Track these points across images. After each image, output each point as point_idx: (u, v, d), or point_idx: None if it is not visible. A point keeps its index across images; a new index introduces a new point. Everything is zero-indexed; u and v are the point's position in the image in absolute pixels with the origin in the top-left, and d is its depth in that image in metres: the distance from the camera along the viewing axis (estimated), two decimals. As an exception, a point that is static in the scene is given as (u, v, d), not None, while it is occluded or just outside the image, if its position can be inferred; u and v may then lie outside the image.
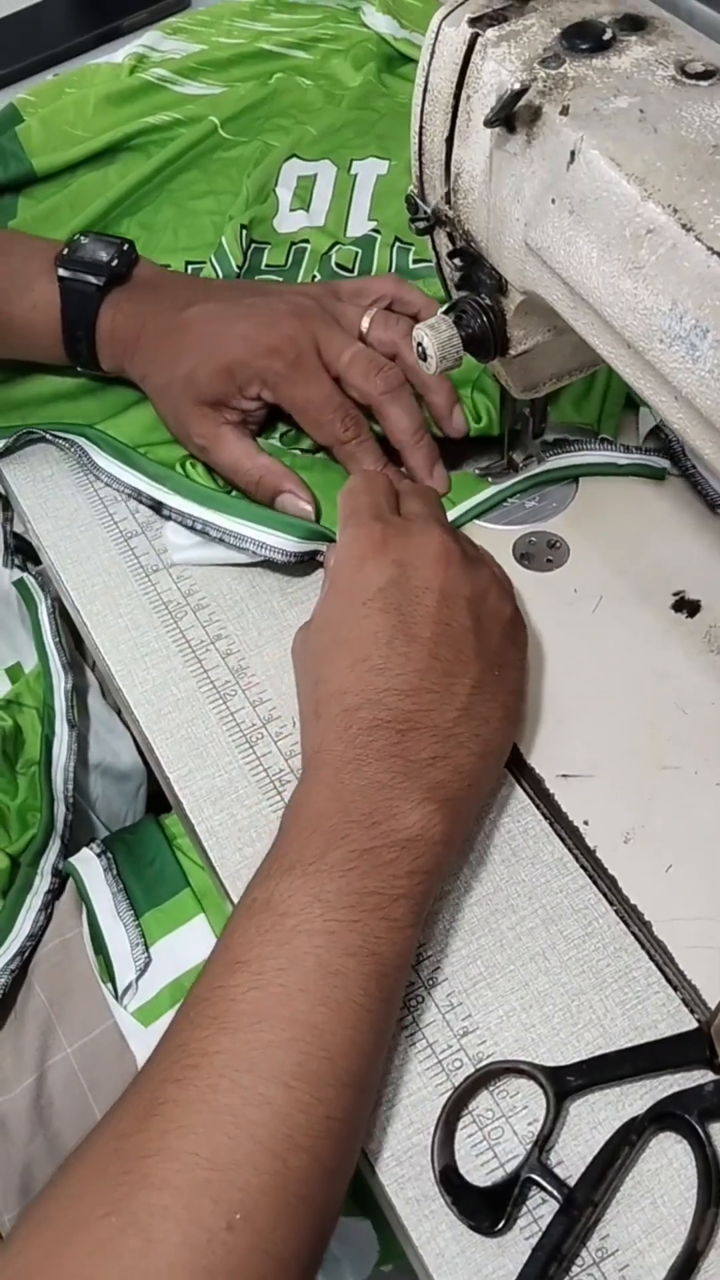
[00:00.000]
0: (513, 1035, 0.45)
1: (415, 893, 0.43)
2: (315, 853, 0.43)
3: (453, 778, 0.45)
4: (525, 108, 0.42)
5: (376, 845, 0.43)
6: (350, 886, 0.42)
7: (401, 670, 0.46)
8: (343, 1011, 0.40)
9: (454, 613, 0.48)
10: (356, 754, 0.45)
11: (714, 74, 0.41)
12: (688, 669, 0.53)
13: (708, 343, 0.37)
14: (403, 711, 0.46)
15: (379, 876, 0.43)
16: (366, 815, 0.44)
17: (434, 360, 0.50)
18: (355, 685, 0.47)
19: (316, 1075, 0.39)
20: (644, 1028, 0.45)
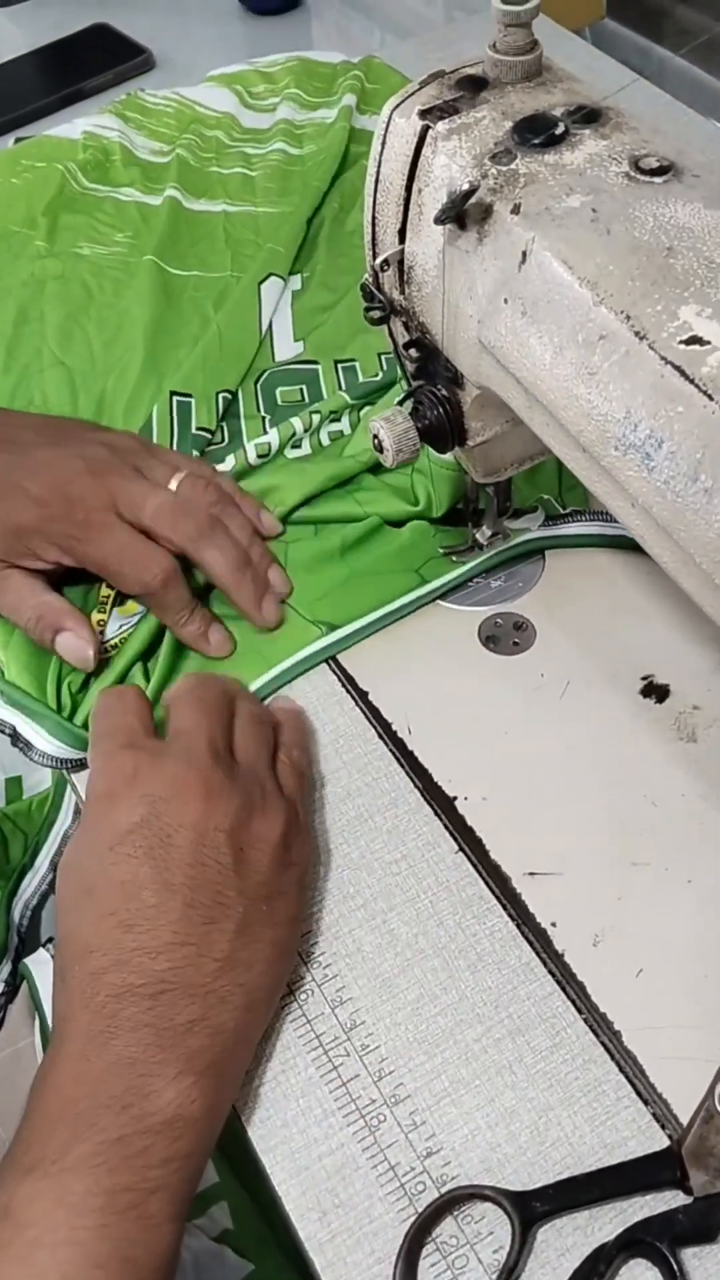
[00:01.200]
0: (478, 1155, 0.43)
1: (173, 1182, 0.39)
2: (59, 1148, 0.39)
3: (213, 1040, 0.42)
4: (476, 205, 0.41)
5: (127, 1133, 0.39)
6: (99, 1185, 0.38)
7: (152, 925, 0.42)
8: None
9: (211, 851, 0.44)
10: (104, 1024, 0.41)
11: (668, 170, 0.40)
12: (657, 759, 0.52)
13: (662, 453, 0.36)
14: (154, 973, 0.42)
15: (131, 1170, 0.39)
16: (116, 1098, 0.40)
17: (390, 453, 0.48)
18: (102, 943, 0.42)
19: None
20: (613, 1145, 0.43)
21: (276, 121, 0.85)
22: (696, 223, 0.38)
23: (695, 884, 0.48)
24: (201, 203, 0.80)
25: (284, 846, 0.46)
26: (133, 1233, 0.38)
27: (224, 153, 0.84)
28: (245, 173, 0.82)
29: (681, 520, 0.36)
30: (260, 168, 0.83)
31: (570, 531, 0.60)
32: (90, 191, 0.81)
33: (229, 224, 0.78)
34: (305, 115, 0.86)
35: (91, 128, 0.84)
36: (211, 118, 0.86)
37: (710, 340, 0.35)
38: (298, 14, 1.01)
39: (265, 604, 0.57)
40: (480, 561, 0.59)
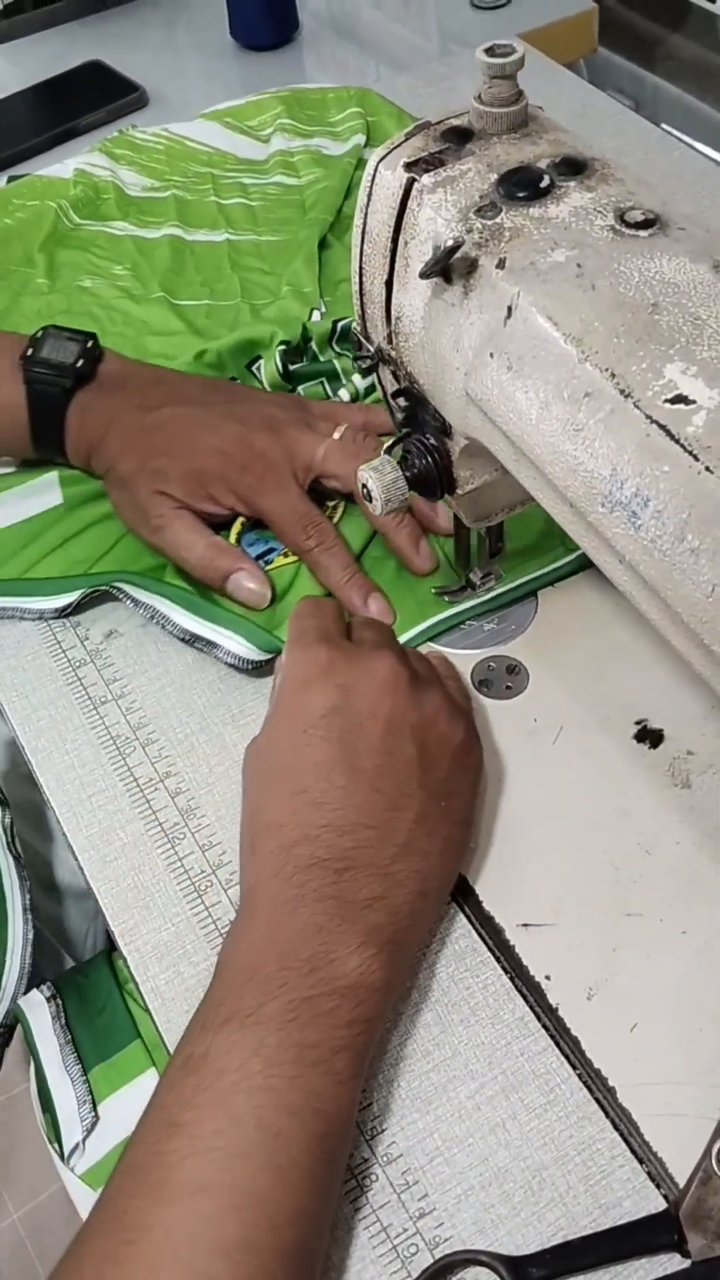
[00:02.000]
0: (471, 1216, 0.43)
1: (356, 1043, 0.42)
2: (253, 1003, 0.41)
3: (391, 919, 0.44)
4: (461, 260, 0.41)
5: (315, 994, 0.42)
6: (291, 1039, 0.41)
7: (340, 805, 0.45)
8: (286, 1177, 0.39)
9: (398, 741, 0.47)
10: (293, 894, 0.44)
11: (653, 223, 0.40)
12: (651, 806, 0.52)
13: (649, 512, 0.35)
14: (340, 849, 0.44)
15: (319, 1027, 0.41)
16: (305, 961, 0.42)
17: (378, 502, 0.48)
18: (292, 819, 0.45)
19: (261, 1245, 0.37)
20: (608, 1205, 0.43)
21: (272, 153, 0.86)
22: (682, 277, 0.38)
23: (689, 935, 0.48)
24: (202, 233, 0.80)
25: (464, 749, 0.49)
26: (322, 1086, 0.40)
27: (221, 184, 0.84)
28: (245, 203, 0.83)
29: (669, 579, 0.36)
30: (259, 198, 0.83)
31: (565, 561, 0.60)
32: (83, 227, 0.82)
33: (234, 252, 0.79)
34: (300, 143, 0.86)
35: (82, 165, 0.84)
36: (202, 153, 0.87)
37: (695, 399, 0.35)
38: (291, 49, 1.02)
39: (421, 546, 0.60)
40: (473, 605, 0.59)
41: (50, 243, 0.80)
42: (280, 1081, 0.40)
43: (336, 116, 0.89)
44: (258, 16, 1.00)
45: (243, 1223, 0.37)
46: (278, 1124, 0.39)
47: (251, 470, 0.59)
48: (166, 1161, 0.39)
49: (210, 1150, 0.38)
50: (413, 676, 0.49)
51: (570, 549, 0.60)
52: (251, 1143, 0.39)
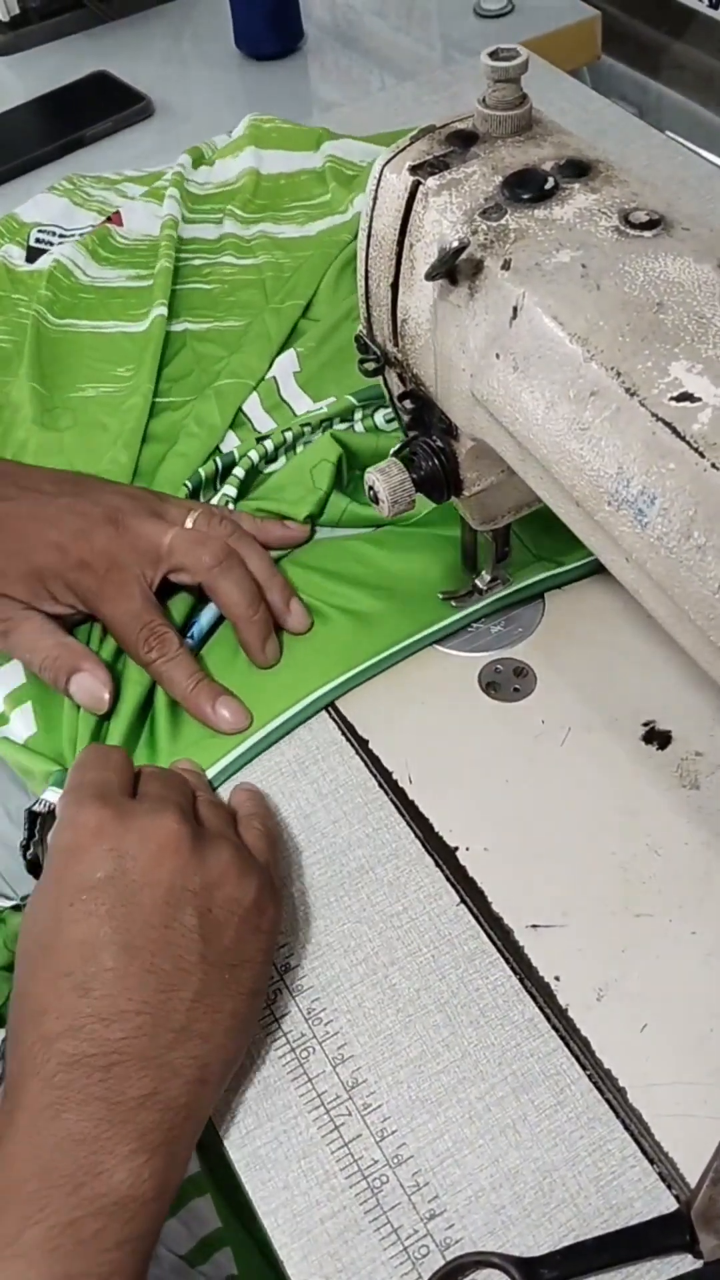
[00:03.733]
0: (482, 1218, 0.43)
1: (127, 1266, 0.38)
2: (12, 1231, 0.38)
3: (165, 1116, 0.40)
4: (467, 261, 0.41)
5: (80, 1215, 0.38)
6: (53, 1272, 0.37)
7: (108, 990, 0.41)
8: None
9: (177, 912, 0.43)
10: (54, 1096, 0.40)
11: (657, 224, 0.40)
12: (660, 806, 0.52)
13: (655, 510, 0.36)
14: (107, 1042, 0.40)
15: (85, 1255, 0.37)
16: (67, 1178, 0.38)
17: (385, 504, 0.48)
18: (56, 1005, 0.41)
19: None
20: (619, 1206, 0.42)
21: (223, 234, 0.82)
22: (686, 277, 0.38)
23: (699, 935, 0.48)
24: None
25: (255, 911, 0.45)
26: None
27: (175, 268, 0.78)
28: (202, 287, 0.78)
29: (675, 577, 0.36)
30: (215, 281, 0.79)
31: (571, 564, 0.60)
32: (68, 329, 0.77)
33: (196, 342, 0.74)
34: (252, 230, 0.82)
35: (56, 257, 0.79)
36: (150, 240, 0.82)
37: (701, 397, 0.35)
38: (295, 58, 1.03)
39: (269, 645, 0.57)
40: (479, 607, 0.59)
41: (40, 355, 0.74)
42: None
43: (291, 203, 0.84)
44: (262, 27, 1.00)
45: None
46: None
47: (92, 570, 0.55)
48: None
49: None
50: (196, 835, 0.45)
51: (581, 555, 0.60)
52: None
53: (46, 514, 0.57)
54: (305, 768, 0.55)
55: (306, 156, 0.87)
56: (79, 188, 0.86)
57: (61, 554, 0.56)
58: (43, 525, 0.56)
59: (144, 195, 0.85)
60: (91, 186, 0.87)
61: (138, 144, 0.94)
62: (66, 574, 0.56)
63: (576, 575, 0.60)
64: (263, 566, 0.58)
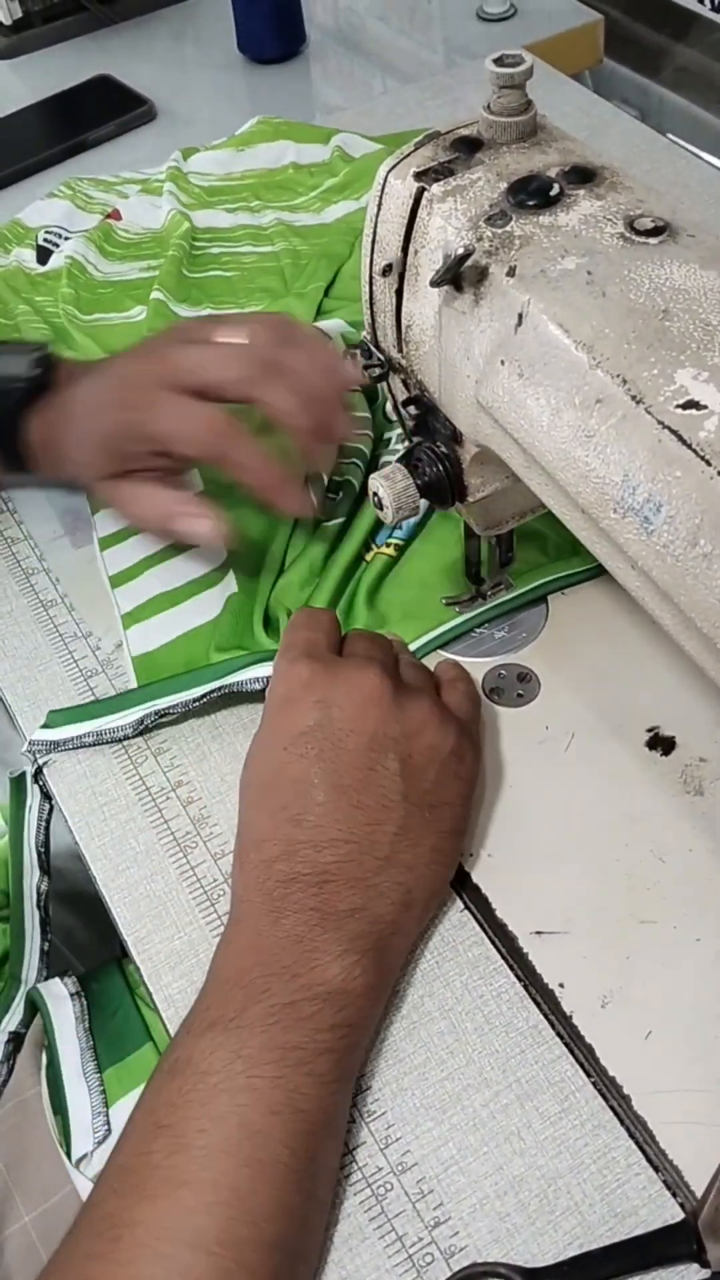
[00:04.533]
0: (487, 1225, 0.43)
1: (339, 1046, 0.42)
2: (236, 1008, 0.42)
3: (373, 927, 0.45)
4: (472, 268, 0.41)
5: (298, 999, 0.42)
6: (273, 1041, 0.41)
7: (320, 821, 0.46)
8: (267, 1172, 0.39)
9: (380, 756, 0.47)
10: (274, 906, 0.45)
11: (663, 230, 0.40)
12: (664, 812, 0.52)
13: (661, 517, 0.36)
14: (319, 864, 0.45)
15: (301, 1031, 0.42)
16: (286, 968, 0.43)
17: (390, 510, 0.48)
18: (274, 834, 0.46)
19: (241, 1240, 0.38)
20: (624, 1214, 0.42)
21: (237, 224, 0.83)
22: (692, 284, 0.38)
23: (704, 943, 0.48)
24: (184, 308, 0.76)
25: (455, 758, 0.48)
26: (304, 1086, 0.41)
27: (190, 256, 0.80)
28: (221, 274, 0.79)
29: (681, 585, 0.36)
30: (234, 268, 0.79)
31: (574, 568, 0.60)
32: (98, 323, 0.77)
33: None
34: (268, 217, 0.83)
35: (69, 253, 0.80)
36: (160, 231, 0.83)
37: (707, 404, 0.35)
38: (298, 62, 1.02)
39: (340, 420, 0.56)
40: (482, 612, 0.58)
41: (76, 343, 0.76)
42: (262, 1082, 0.40)
43: (304, 190, 0.85)
44: (265, 30, 1.00)
45: (223, 1217, 0.38)
46: (259, 1122, 0.40)
47: (132, 406, 0.56)
48: (151, 1161, 0.39)
49: (192, 1148, 0.39)
50: (398, 688, 0.49)
51: (585, 560, 0.60)
52: (232, 1140, 0.39)
53: (97, 383, 0.59)
54: (309, 773, 0.55)
55: (317, 149, 0.88)
56: (79, 191, 0.87)
57: (107, 410, 0.58)
58: (93, 393, 0.59)
59: (140, 191, 0.86)
60: (91, 189, 0.87)
61: (140, 147, 0.94)
62: (121, 426, 0.57)
63: (580, 579, 0.60)
64: (317, 369, 0.56)
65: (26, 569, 0.65)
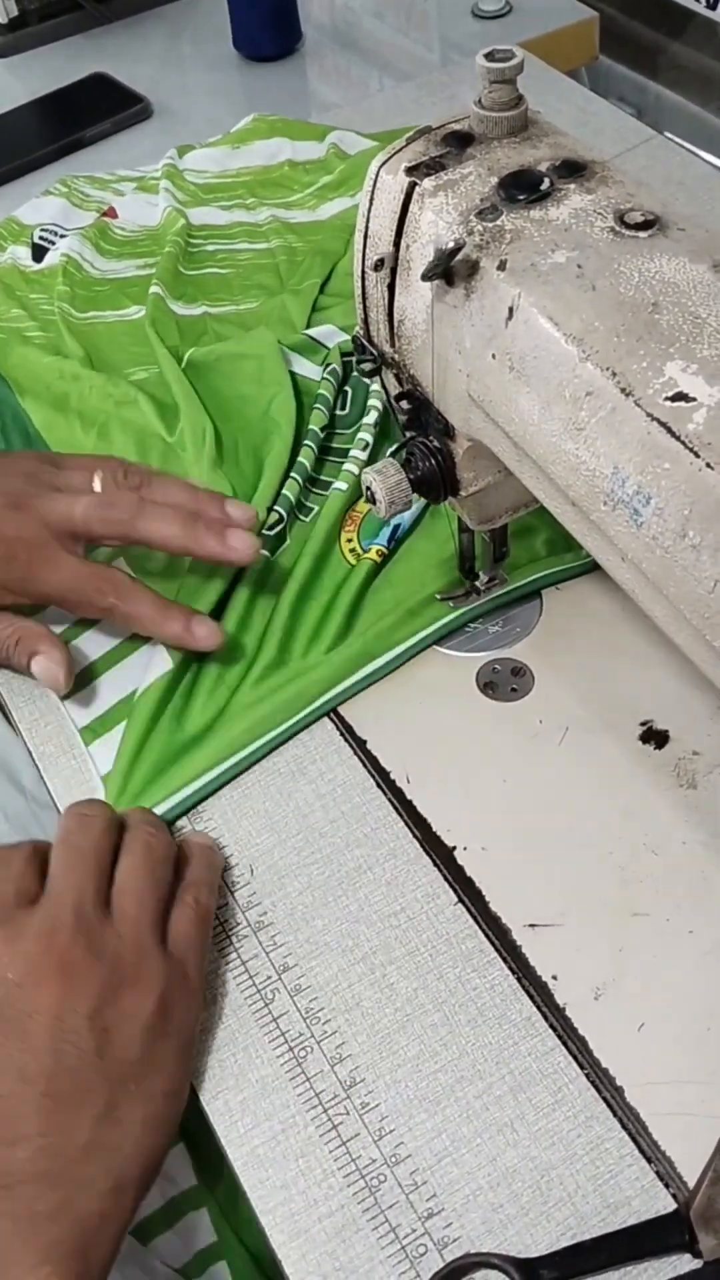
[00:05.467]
0: (480, 1216, 0.43)
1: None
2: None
3: (74, 1229, 0.40)
4: (462, 262, 0.41)
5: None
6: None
7: (7, 1116, 0.41)
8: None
9: (71, 1035, 0.42)
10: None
11: (653, 224, 0.40)
12: (657, 806, 0.52)
13: (650, 509, 0.36)
14: (11, 1162, 0.40)
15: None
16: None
17: (382, 505, 0.48)
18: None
19: None
20: (617, 1205, 0.43)
21: (233, 221, 0.82)
22: (681, 277, 0.38)
23: (697, 935, 0.48)
24: (179, 305, 0.76)
25: (160, 1016, 0.44)
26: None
27: (186, 253, 0.79)
28: (217, 271, 0.79)
29: (671, 576, 0.36)
30: (230, 266, 0.79)
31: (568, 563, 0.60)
32: (95, 320, 0.77)
33: (216, 325, 0.75)
34: (263, 214, 0.83)
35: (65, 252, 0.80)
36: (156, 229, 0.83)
37: (696, 397, 0.35)
38: (294, 60, 1.03)
39: (231, 537, 0.55)
40: (476, 606, 0.59)
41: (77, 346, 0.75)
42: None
43: (299, 187, 0.85)
44: (260, 28, 1.00)
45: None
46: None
47: (15, 560, 0.54)
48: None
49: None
50: (91, 942, 0.43)
51: (578, 555, 0.60)
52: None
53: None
54: (303, 768, 0.55)
55: (312, 146, 0.88)
56: (75, 189, 0.87)
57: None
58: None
59: (135, 189, 0.86)
60: (87, 186, 0.87)
61: (137, 145, 0.94)
62: (7, 577, 0.55)
63: (574, 574, 0.60)
64: (183, 493, 0.56)
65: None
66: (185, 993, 0.45)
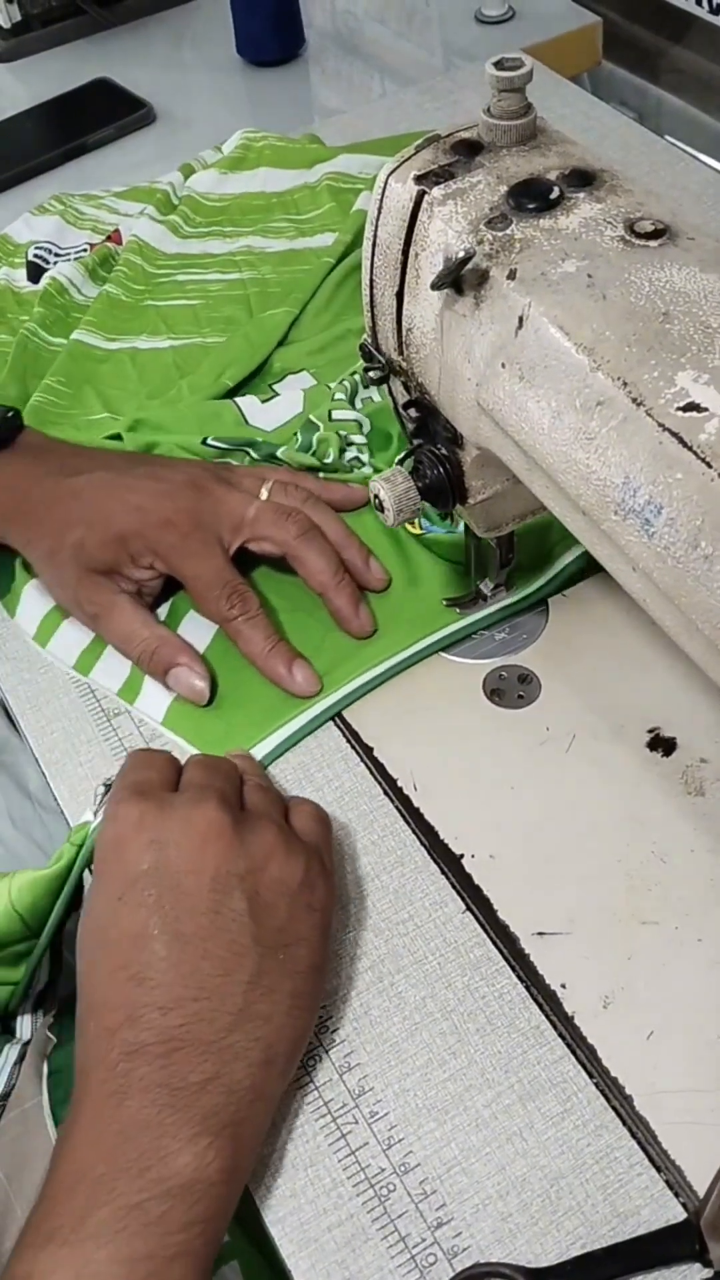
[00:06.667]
0: (489, 1226, 0.43)
1: (195, 1245, 0.39)
2: (77, 1215, 0.38)
3: (228, 1099, 0.41)
4: (472, 271, 0.41)
5: (145, 1198, 0.38)
6: (119, 1254, 0.38)
7: (163, 979, 0.41)
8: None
9: (224, 897, 0.43)
10: (118, 1085, 0.40)
11: (663, 233, 0.40)
12: (665, 813, 0.52)
13: (662, 520, 0.36)
14: (166, 1029, 0.41)
15: (151, 1236, 0.38)
16: (133, 1162, 0.39)
17: (390, 513, 0.48)
18: (115, 998, 0.42)
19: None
20: (626, 1214, 0.42)
21: (205, 251, 0.81)
22: (692, 287, 0.38)
23: (705, 943, 0.48)
24: (142, 339, 0.75)
25: (305, 889, 0.45)
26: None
27: (155, 284, 0.79)
28: (187, 303, 0.78)
29: (683, 586, 0.36)
30: (199, 296, 0.78)
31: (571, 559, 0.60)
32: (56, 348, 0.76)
33: (179, 359, 0.74)
34: (238, 244, 0.82)
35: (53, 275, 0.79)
36: (132, 243, 0.82)
37: (708, 407, 0.35)
38: (297, 65, 1.03)
39: (361, 610, 0.58)
40: (484, 615, 0.59)
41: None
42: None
43: (281, 218, 0.84)
44: (263, 33, 1.00)
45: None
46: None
47: (175, 528, 0.57)
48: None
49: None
50: (238, 819, 0.45)
51: (584, 560, 0.60)
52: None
53: (125, 482, 0.58)
54: (310, 775, 0.55)
55: (300, 174, 0.86)
56: (69, 206, 0.86)
57: (143, 515, 0.57)
58: (122, 491, 0.58)
59: (140, 213, 0.84)
60: (81, 204, 0.86)
61: (140, 150, 0.94)
62: (148, 533, 0.56)
63: (577, 570, 0.60)
64: (338, 531, 0.59)
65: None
66: (323, 874, 0.46)
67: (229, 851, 0.44)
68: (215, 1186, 0.40)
